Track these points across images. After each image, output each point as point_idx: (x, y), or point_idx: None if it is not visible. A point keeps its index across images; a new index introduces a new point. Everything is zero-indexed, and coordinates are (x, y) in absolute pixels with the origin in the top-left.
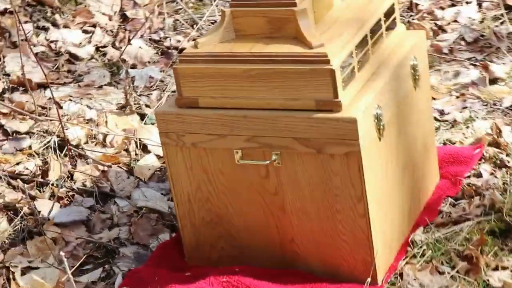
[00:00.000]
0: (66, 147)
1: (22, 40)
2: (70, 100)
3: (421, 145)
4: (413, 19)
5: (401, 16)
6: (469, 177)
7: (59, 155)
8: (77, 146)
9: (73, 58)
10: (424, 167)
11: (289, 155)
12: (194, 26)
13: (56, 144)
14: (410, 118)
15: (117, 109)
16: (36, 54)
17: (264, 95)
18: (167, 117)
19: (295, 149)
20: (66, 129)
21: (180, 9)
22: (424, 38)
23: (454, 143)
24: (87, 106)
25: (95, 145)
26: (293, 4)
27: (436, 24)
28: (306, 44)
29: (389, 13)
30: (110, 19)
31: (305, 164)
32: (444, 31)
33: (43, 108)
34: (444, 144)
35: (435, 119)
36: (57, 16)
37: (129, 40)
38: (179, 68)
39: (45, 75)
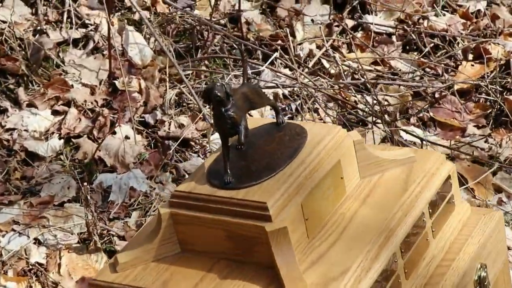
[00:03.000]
0: None
1: None
2: (14, 230)
3: None
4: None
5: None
6: None
7: None
8: None
9: (31, 157)
10: None
11: None
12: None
13: None
14: None
15: (78, 242)
16: None
17: None
18: None
19: None
20: None
21: (189, 75)
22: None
23: None
24: (35, 240)
25: None
26: (264, 218)
27: None
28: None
29: (439, 197)
30: (92, 93)
31: None
32: None
33: None
34: None
35: None
36: (21, 90)
37: (111, 125)
38: None
39: None
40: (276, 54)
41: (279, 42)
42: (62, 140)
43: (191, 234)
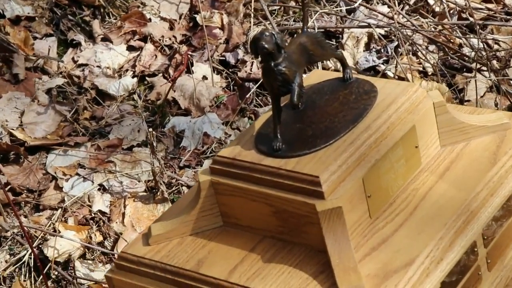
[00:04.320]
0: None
1: (28, 69)
2: (78, 175)
3: None
4: None
5: None
6: None
7: (34, 279)
8: (66, 265)
9: (102, 96)
10: None
11: None
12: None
13: (32, 264)
14: None
15: (145, 190)
16: (48, 92)
17: None
18: None
19: None
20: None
21: (276, 11)
22: None
23: None
24: (100, 186)
25: (97, 262)
26: (315, 194)
27: None
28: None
29: None
30: (171, 27)
31: None
32: None
33: (30, 191)
34: None
35: None
36: (96, 23)
37: (188, 65)
38: (115, 279)
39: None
40: None
41: None
42: (135, 79)
43: (234, 206)
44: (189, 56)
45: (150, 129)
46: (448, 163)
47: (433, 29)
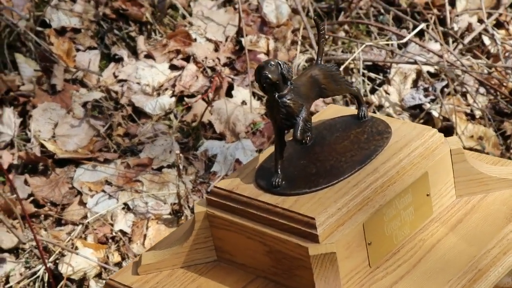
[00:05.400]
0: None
1: (67, 81)
2: (104, 191)
3: None
4: None
5: None
6: None
7: None
8: (80, 283)
9: (138, 114)
10: None
11: None
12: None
13: (45, 279)
14: None
15: (170, 213)
16: (84, 105)
17: None
18: None
19: None
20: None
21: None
22: None
23: None
24: (125, 205)
25: None
26: (310, 237)
27: None
28: None
29: None
30: (216, 49)
31: None
32: None
33: (53, 205)
34: None
35: None
36: (141, 39)
37: (229, 88)
38: None
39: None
40: (423, 25)
41: (434, 11)
42: (173, 98)
43: (228, 241)
44: (229, 79)
45: (177, 151)
46: (461, 215)
47: (484, 71)
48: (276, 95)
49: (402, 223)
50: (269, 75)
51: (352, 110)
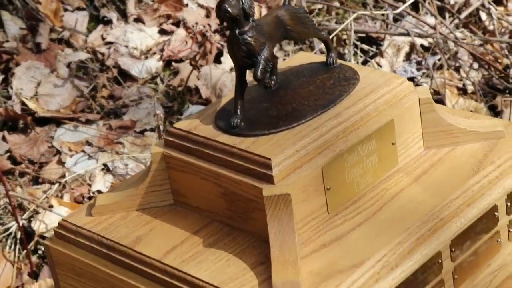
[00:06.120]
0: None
1: (53, 40)
2: (84, 152)
3: None
4: None
5: None
6: None
7: (19, 253)
8: None
9: (124, 76)
10: None
11: None
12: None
13: (18, 236)
14: None
15: None
16: (69, 65)
17: None
18: None
19: None
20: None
21: (318, 10)
22: None
23: None
24: (104, 166)
25: None
26: (265, 178)
27: None
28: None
29: None
30: (207, 15)
31: None
32: None
33: (31, 163)
34: None
35: None
36: (131, 2)
37: (218, 54)
38: (52, 248)
39: None
40: None
41: None
42: (161, 62)
43: (185, 184)
44: (219, 45)
45: (158, 112)
46: (428, 166)
47: (476, 43)
48: (237, 31)
49: (364, 170)
50: (229, 9)
51: (322, 57)
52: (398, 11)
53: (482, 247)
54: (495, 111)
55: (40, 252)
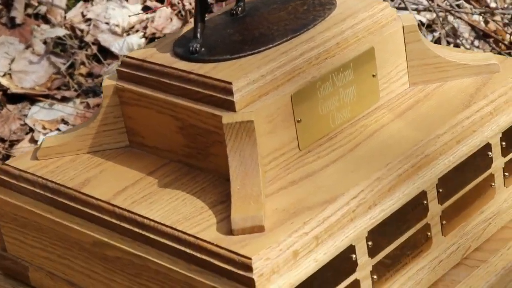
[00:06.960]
0: None
1: (29, 16)
2: (58, 130)
3: None
4: None
5: None
6: None
7: None
8: None
9: (104, 54)
10: None
11: None
12: None
13: None
14: None
15: None
16: (45, 42)
17: None
18: None
19: None
20: None
21: None
22: None
23: None
24: None
25: None
26: (225, 105)
27: None
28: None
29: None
30: None
31: None
32: None
33: (1, 140)
34: None
35: None
36: None
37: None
38: None
39: None
40: None
41: None
42: (143, 40)
43: (139, 120)
44: None
45: None
46: (413, 102)
47: (475, 12)
48: None
49: (341, 103)
50: None
51: None
52: None
53: (474, 191)
54: None
55: None
